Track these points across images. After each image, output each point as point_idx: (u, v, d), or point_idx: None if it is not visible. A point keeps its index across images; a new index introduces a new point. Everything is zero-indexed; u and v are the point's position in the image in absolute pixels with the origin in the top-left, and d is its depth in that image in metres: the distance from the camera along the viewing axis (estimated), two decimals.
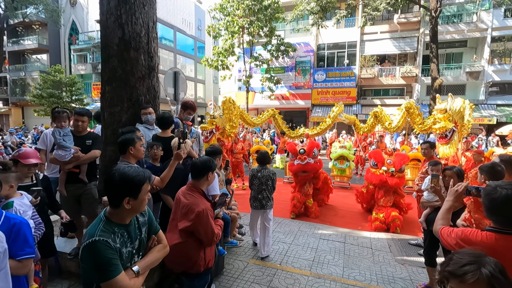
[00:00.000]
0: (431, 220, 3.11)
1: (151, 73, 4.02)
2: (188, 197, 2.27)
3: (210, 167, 2.36)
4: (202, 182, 2.34)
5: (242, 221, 5.29)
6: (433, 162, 3.52)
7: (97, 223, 1.50)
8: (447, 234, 1.63)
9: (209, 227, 2.20)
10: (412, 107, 7.83)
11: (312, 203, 6.09)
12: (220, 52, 19.20)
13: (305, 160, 5.87)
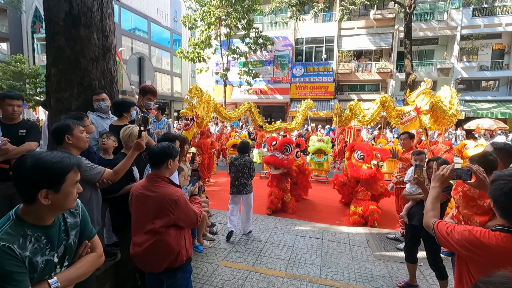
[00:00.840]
0: (413, 214, 2.94)
1: (107, 54, 3.54)
2: (154, 189, 2.01)
3: (171, 154, 2.08)
4: (163, 171, 2.07)
5: (215, 219, 4.95)
6: (417, 152, 3.35)
7: (2, 223, 1.13)
8: (446, 231, 1.37)
9: (190, 211, 2.03)
10: (387, 101, 7.79)
11: (290, 199, 5.86)
12: (196, 44, 18.50)
13: (275, 151, 5.66)
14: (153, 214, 1.97)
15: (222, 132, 10.79)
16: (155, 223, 1.97)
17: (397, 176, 4.02)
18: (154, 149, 2.07)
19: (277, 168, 5.62)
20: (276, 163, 5.53)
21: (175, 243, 2.01)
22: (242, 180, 4.32)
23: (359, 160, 5.10)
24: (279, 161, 5.54)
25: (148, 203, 1.99)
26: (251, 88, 20.91)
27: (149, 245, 1.97)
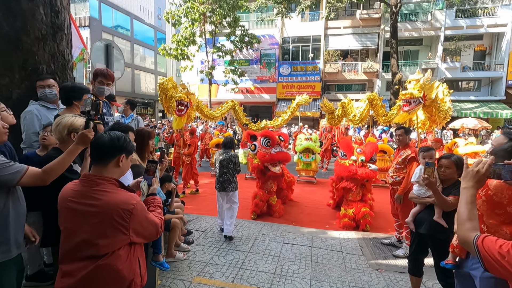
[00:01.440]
0: (421, 220, 2.54)
1: (57, 34, 2.98)
2: (96, 195, 1.42)
3: (123, 147, 1.51)
4: (110, 170, 1.50)
5: (192, 225, 4.43)
6: (425, 148, 2.95)
7: None
8: (500, 251, 0.95)
9: (149, 222, 1.51)
10: (375, 99, 7.53)
11: (276, 201, 5.41)
12: (180, 41, 17.83)
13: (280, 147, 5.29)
14: (95, 232, 1.39)
15: (206, 131, 10.25)
16: (98, 245, 1.39)
17: (393, 176, 3.64)
18: (101, 139, 1.48)
19: (276, 165, 5.18)
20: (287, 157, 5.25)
21: (127, 269, 1.45)
22: (227, 176, 4.18)
23: (342, 157, 4.90)
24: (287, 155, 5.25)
25: (86, 216, 1.40)
26: (237, 87, 20.40)
27: (86, 274, 1.39)
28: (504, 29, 18.40)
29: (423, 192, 2.61)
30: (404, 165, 3.55)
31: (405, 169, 3.56)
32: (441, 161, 2.35)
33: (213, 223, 4.59)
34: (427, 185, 2.20)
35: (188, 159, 6.64)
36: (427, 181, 2.10)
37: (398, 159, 3.60)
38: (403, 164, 3.56)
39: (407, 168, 3.51)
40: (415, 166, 3.44)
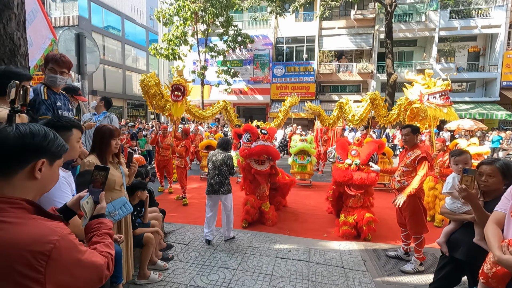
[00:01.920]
0: (456, 242, 2.06)
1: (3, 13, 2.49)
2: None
3: (40, 147, 0.99)
4: (17, 184, 0.96)
5: (174, 237, 3.95)
6: (457, 151, 2.46)
7: None
8: None
9: (84, 266, 0.97)
10: (377, 98, 7.18)
11: (269, 208, 4.95)
12: (171, 40, 17.31)
13: (268, 141, 4.72)
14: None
15: (196, 132, 9.75)
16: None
17: (400, 181, 3.22)
18: (3, 133, 0.94)
19: (263, 163, 4.70)
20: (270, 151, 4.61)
21: None
22: (219, 178, 3.90)
23: (339, 161, 4.41)
24: (273, 149, 4.67)
25: None
26: (230, 88, 19.94)
27: None
28: (498, 30, 18.36)
29: (458, 207, 2.13)
30: (413, 167, 3.13)
31: (414, 172, 3.14)
32: (482, 168, 1.88)
33: (198, 233, 4.12)
34: (465, 198, 1.75)
35: (181, 162, 6.10)
36: (465, 193, 1.66)
37: (406, 160, 3.18)
38: (411, 166, 3.14)
39: (417, 168, 3.10)
40: (427, 166, 3.02)
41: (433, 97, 4.52)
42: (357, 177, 4.11)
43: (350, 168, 4.07)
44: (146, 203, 2.91)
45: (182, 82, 5.36)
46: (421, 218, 3.11)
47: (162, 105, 5.54)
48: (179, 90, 5.30)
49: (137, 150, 8.26)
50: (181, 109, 5.66)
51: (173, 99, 5.34)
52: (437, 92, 4.56)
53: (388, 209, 5.60)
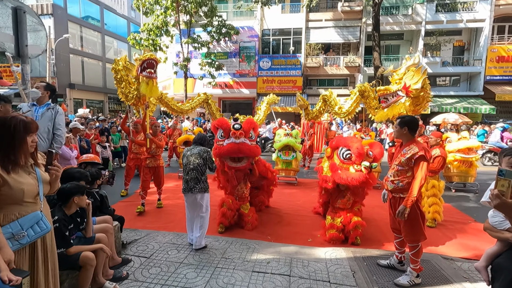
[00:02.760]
0: (500, 267, 1.62)
1: None
2: None
3: None
4: None
5: (135, 248, 3.39)
6: (509, 150, 1.85)
7: None
8: None
9: None
10: (367, 90, 6.81)
11: (249, 209, 4.46)
12: (151, 30, 16.39)
13: (240, 137, 4.15)
14: None
15: (174, 127, 9.10)
16: None
17: (394, 181, 2.78)
18: None
19: (240, 160, 4.18)
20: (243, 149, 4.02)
21: None
22: (194, 174, 3.52)
23: (344, 160, 3.75)
24: (248, 147, 4.08)
25: None
26: (214, 81, 19.22)
27: None
28: (482, 24, 18.40)
29: (499, 221, 1.67)
30: (409, 166, 2.69)
31: (410, 171, 2.70)
32: None
33: (165, 242, 3.58)
34: (498, 208, 1.31)
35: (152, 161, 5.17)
36: (498, 200, 1.22)
37: (401, 158, 2.73)
38: (407, 165, 2.70)
39: (414, 170, 2.66)
40: (425, 168, 2.59)
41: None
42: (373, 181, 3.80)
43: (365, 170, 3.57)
44: (88, 212, 2.36)
45: (154, 56, 4.65)
46: (418, 224, 2.69)
47: (126, 92, 4.83)
48: (152, 67, 4.54)
49: (109, 146, 7.58)
50: (156, 89, 4.89)
51: (146, 75, 4.50)
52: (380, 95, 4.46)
53: (378, 207, 5.24)
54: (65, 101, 24.32)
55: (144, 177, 5.10)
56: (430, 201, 4.53)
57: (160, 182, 5.32)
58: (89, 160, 3.69)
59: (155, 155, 5.19)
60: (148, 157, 5.15)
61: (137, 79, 4.64)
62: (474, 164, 6.42)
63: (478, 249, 3.85)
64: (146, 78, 4.45)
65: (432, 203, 4.50)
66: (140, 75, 4.49)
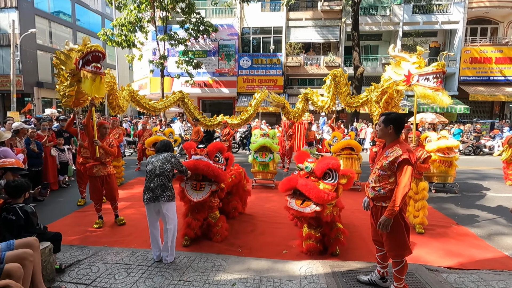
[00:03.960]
0: None
1: None
2: None
3: None
4: None
5: (75, 272, 2.84)
6: None
7: None
8: None
9: None
10: (338, 75, 6.48)
11: (218, 218, 4.00)
12: (123, 25, 15.52)
13: (202, 153, 3.74)
14: None
15: (145, 128, 8.47)
16: None
17: (376, 188, 2.42)
18: None
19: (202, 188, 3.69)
20: (197, 167, 3.57)
21: None
22: (160, 180, 3.13)
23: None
24: (214, 167, 3.62)
25: None
26: (192, 80, 18.56)
27: None
28: (456, 26, 18.89)
29: None
30: (392, 171, 2.34)
31: (393, 176, 2.35)
32: None
33: (113, 264, 3.05)
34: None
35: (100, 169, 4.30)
36: None
37: (383, 161, 2.38)
38: (390, 169, 2.35)
39: (397, 175, 2.31)
40: (410, 172, 2.25)
41: (424, 79, 3.90)
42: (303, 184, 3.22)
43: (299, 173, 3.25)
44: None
45: (100, 48, 3.84)
46: (402, 237, 2.35)
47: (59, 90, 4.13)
48: (98, 61, 3.80)
49: (68, 149, 6.87)
50: (103, 88, 4.05)
51: (92, 70, 3.76)
52: (430, 73, 3.93)
53: (358, 212, 4.92)
54: (32, 100, 22.79)
55: (93, 188, 4.30)
56: (419, 205, 4.27)
57: (113, 195, 4.42)
58: (7, 165, 3.01)
59: (103, 162, 4.30)
60: (96, 164, 4.25)
61: (74, 74, 3.88)
62: (453, 163, 6.29)
63: (462, 255, 3.62)
64: (92, 74, 3.76)
65: (421, 207, 4.24)
66: (82, 70, 3.73)
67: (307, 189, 3.13)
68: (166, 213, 3.15)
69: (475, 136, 14.85)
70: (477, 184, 7.32)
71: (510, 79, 18.85)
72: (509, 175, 7.21)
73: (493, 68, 18.91)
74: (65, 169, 6.61)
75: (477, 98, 18.21)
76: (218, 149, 3.89)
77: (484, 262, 3.43)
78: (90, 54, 3.72)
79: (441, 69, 3.77)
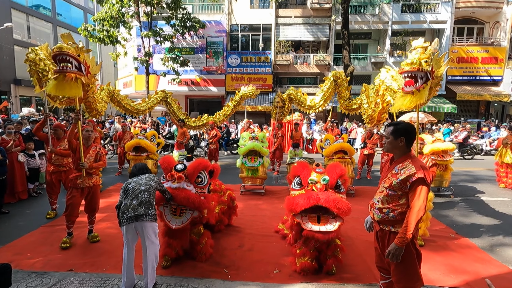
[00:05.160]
0: None
1: None
2: None
3: None
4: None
5: None
6: None
7: None
8: None
9: None
10: (340, 77, 6.28)
11: (201, 235, 3.59)
12: (104, 20, 14.76)
13: (180, 181, 3.22)
14: None
15: (124, 130, 7.93)
16: None
17: (383, 210, 2.07)
18: None
19: (182, 213, 3.26)
20: (179, 196, 3.13)
21: None
22: (144, 197, 2.75)
23: (297, 188, 3.07)
24: (188, 195, 3.15)
25: None
26: (178, 78, 17.96)
27: None
28: (444, 25, 18.99)
29: None
30: (403, 191, 2.00)
31: (404, 197, 2.01)
32: None
33: None
34: None
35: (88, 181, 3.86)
36: None
37: (392, 179, 2.02)
38: (400, 189, 2.00)
39: (409, 197, 1.97)
40: (425, 193, 1.91)
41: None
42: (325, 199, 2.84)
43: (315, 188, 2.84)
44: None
45: (70, 50, 3.44)
46: (414, 267, 2.02)
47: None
48: (66, 61, 3.43)
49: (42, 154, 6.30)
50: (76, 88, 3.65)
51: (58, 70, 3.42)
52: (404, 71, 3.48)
53: (353, 221, 4.52)
54: (9, 98, 21.60)
55: (71, 200, 3.77)
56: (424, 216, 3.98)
57: (94, 207, 3.97)
58: None
59: (90, 172, 3.84)
60: (79, 175, 3.80)
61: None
62: (449, 167, 6.10)
63: (466, 272, 3.35)
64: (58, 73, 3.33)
65: (424, 219, 3.96)
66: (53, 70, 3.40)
67: (334, 204, 2.71)
68: (148, 236, 2.72)
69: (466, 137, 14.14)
70: (471, 187, 7.18)
71: (495, 79, 19.14)
72: (502, 177, 7.09)
73: (480, 68, 19.13)
74: (36, 176, 6.05)
75: (464, 98, 18.39)
76: (200, 169, 3.38)
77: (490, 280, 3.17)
78: (57, 57, 3.28)
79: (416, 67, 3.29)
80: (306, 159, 6.28)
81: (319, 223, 2.82)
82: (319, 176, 2.91)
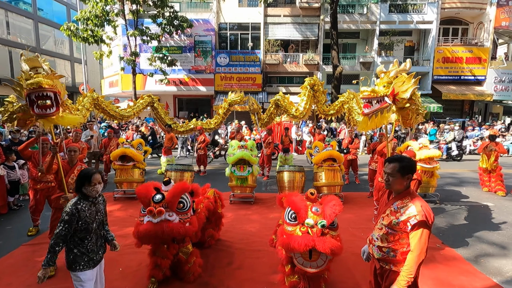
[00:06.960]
0: None
1: None
2: None
3: None
4: None
5: None
6: None
7: None
8: None
9: None
10: (316, 84, 6.25)
11: (190, 254, 3.52)
12: (88, 18, 14.29)
13: (160, 215, 2.99)
14: None
15: (110, 137, 7.71)
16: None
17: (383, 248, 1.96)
18: None
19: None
20: (167, 232, 2.98)
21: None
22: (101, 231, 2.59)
23: (290, 222, 2.94)
24: (179, 229, 3.03)
25: None
26: (166, 78, 17.64)
27: None
28: (430, 26, 19.28)
29: None
30: (404, 231, 1.93)
31: (404, 237, 1.95)
32: None
33: None
34: None
35: None
36: None
37: (391, 217, 1.98)
38: (400, 229, 1.94)
39: (410, 237, 1.92)
40: (426, 236, 1.89)
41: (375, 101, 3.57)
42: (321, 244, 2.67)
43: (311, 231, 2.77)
44: None
45: (46, 83, 3.10)
46: None
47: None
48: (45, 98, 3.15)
49: (23, 165, 6.06)
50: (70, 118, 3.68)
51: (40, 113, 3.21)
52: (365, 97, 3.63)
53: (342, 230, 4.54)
54: None
55: (56, 222, 3.61)
56: None
57: None
58: None
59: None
60: (61, 195, 3.63)
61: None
62: (435, 174, 6.20)
63: (452, 285, 3.41)
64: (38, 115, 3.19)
65: None
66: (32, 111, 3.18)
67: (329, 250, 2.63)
68: (101, 273, 2.62)
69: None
70: (455, 191, 7.34)
71: (479, 79, 19.61)
72: (485, 181, 7.28)
73: (464, 68, 19.56)
74: (16, 189, 5.82)
75: (449, 97, 18.78)
76: (180, 194, 3.17)
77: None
78: (33, 94, 3.05)
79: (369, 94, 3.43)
80: (296, 168, 6.27)
81: (310, 259, 2.81)
82: (316, 218, 2.83)
